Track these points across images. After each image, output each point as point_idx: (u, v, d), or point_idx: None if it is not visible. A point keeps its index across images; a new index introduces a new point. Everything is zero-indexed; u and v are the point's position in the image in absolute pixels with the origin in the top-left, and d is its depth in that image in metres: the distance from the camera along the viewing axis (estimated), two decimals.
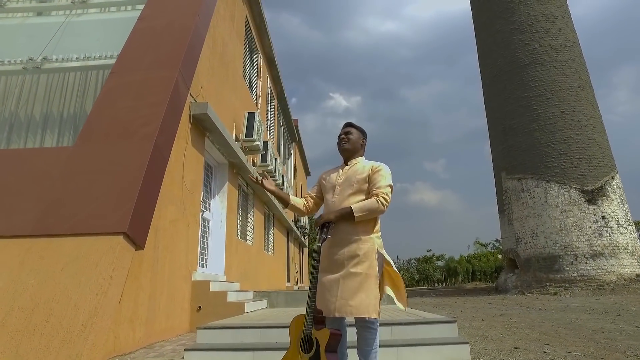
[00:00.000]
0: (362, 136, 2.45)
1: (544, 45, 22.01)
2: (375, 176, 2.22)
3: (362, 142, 2.45)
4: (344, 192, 2.24)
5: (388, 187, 2.20)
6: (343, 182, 2.29)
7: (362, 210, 2.10)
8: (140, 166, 3.39)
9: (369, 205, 2.11)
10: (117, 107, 3.90)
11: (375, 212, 2.13)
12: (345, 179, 2.29)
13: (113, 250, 2.92)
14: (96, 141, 3.61)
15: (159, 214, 4.24)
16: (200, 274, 5.48)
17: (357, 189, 2.22)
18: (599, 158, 19.80)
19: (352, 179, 2.25)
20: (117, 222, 3.05)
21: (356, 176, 2.25)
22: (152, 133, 3.62)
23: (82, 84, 5.00)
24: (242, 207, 8.50)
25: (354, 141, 2.39)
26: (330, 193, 2.32)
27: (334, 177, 2.37)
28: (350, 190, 2.22)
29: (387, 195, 2.15)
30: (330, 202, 2.28)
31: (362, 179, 2.23)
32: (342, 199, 2.21)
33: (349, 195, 2.21)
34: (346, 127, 2.47)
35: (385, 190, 2.17)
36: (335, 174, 2.40)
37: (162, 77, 4.11)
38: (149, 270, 3.97)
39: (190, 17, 4.86)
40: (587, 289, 17.35)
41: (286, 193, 2.50)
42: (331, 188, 2.33)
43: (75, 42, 5.23)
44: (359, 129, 2.46)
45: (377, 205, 2.11)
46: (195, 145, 5.38)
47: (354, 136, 2.40)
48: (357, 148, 2.41)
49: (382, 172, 2.23)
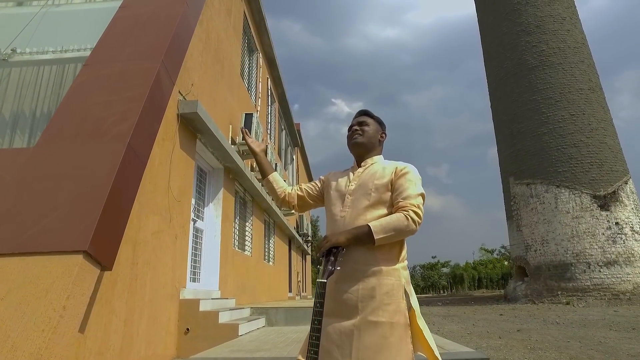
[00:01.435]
0: (380, 128, 1.86)
1: (552, 47, 21.49)
2: (401, 181, 1.62)
3: (380, 137, 1.85)
4: (357, 203, 1.63)
5: (419, 197, 1.59)
6: (356, 189, 1.68)
7: (385, 229, 1.48)
8: (109, 171, 2.85)
9: (395, 222, 1.50)
10: (89, 103, 3.37)
11: (404, 233, 1.51)
12: (360, 185, 1.69)
13: (69, 273, 2.38)
14: (61, 142, 3.08)
15: (139, 225, 3.70)
16: (189, 290, 4.92)
17: (375, 199, 1.61)
18: (611, 162, 19.18)
19: (368, 185, 1.66)
20: (76, 238, 2.51)
21: (374, 181, 1.65)
22: (126, 132, 3.09)
23: (58, 78, 4.50)
24: (239, 215, 7.96)
25: (371, 134, 1.80)
26: (338, 205, 1.70)
27: (343, 183, 1.76)
28: (367, 202, 1.62)
29: (418, 208, 1.54)
30: (338, 218, 1.66)
31: (382, 185, 1.63)
32: (355, 214, 1.61)
33: (365, 209, 1.61)
34: (360, 115, 1.87)
35: (415, 200, 1.56)
36: (345, 178, 1.79)
37: (142, 69, 3.58)
38: (124, 292, 3.42)
39: (177, 5, 4.36)
40: (601, 298, 16.67)
41: (271, 166, 1.98)
42: (339, 198, 1.72)
43: (52, 34, 4.73)
44: (376, 119, 1.87)
45: (405, 223, 1.49)
46: (184, 148, 4.85)
47: (371, 128, 1.81)
48: (373, 144, 1.81)
49: (409, 176, 1.64)
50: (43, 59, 4.50)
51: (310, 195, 1.91)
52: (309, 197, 1.91)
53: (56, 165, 2.92)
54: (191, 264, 5.52)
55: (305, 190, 1.92)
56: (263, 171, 1.94)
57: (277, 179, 1.95)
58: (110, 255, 2.78)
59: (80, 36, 4.67)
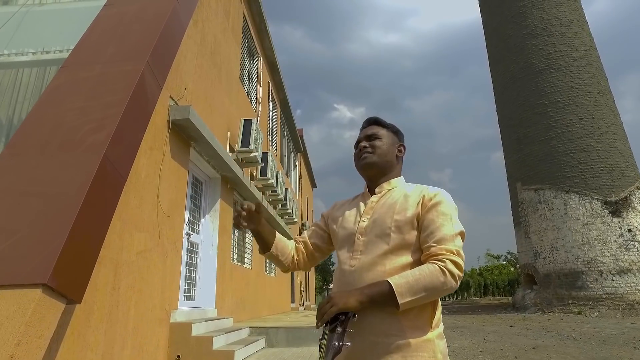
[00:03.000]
0: (397, 139, 1.40)
1: (559, 50, 21.05)
2: (432, 216, 1.17)
3: (398, 151, 1.39)
4: (372, 248, 1.19)
5: (458, 238, 1.15)
6: (370, 227, 1.23)
7: (413, 289, 1.05)
8: (79, 187, 2.47)
9: (427, 279, 1.06)
10: (63, 109, 3.00)
11: (439, 292, 1.08)
12: (374, 221, 1.24)
13: (22, 312, 1.99)
14: (27, 153, 2.71)
15: (121, 244, 3.32)
16: (182, 312, 4.53)
17: (397, 241, 1.17)
18: (622, 167, 18.65)
19: (386, 221, 1.21)
20: (35, 268, 2.12)
21: (394, 216, 1.20)
22: (102, 142, 2.71)
23: (39, 81, 4.14)
24: None
25: (385, 150, 1.34)
26: (346, 250, 1.25)
27: (352, 218, 1.31)
28: (385, 245, 1.17)
29: (458, 256, 1.10)
30: (346, 268, 1.21)
31: (405, 221, 1.19)
32: (369, 263, 1.17)
33: (382, 256, 1.16)
34: (368, 126, 1.41)
35: (453, 245, 1.12)
36: (354, 211, 1.34)
37: (124, 72, 3.21)
38: (102, 322, 3.03)
39: (166, 2, 3.99)
40: (615, 308, 16.09)
41: (272, 230, 1.40)
42: (347, 239, 1.27)
43: (33, 34, 4.38)
44: (390, 128, 1.40)
45: (442, 280, 1.06)
46: (176, 158, 4.48)
47: (384, 142, 1.35)
48: (389, 162, 1.35)
49: (442, 207, 1.19)
50: (22, 60, 4.15)
51: (319, 248, 1.46)
52: (318, 250, 1.47)
53: (19, 181, 2.53)
54: (185, 281, 5.13)
55: (312, 244, 1.47)
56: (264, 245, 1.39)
57: (281, 246, 1.43)
58: (79, 286, 2.39)
59: (64, 36, 4.31)
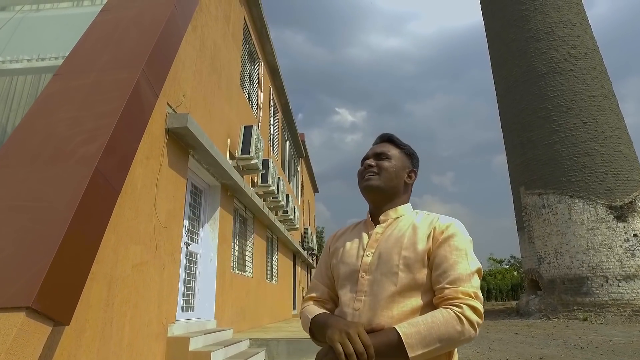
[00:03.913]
0: (409, 163, 1.25)
1: (562, 54, 20.94)
2: (444, 252, 1.03)
3: (408, 176, 1.24)
4: (378, 288, 1.05)
5: (475, 277, 1.01)
6: (375, 264, 1.09)
7: (426, 340, 0.91)
8: (69, 202, 2.35)
9: (441, 328, 0.92)
10: (55, 119, 2.89)
11: (455, 343, 0.94)
12: (380, 257, 1.09)
13: (3, 337, 1.86)
14: (15, 166, 2.59)
15: (115, 259, 3.20)
16: (180, 325, 4.40)
17: (406, 282, 1.03)
18: (627, 171, 18.46)
19: (392, 258, 1.07)
20: (19, 290, 2.00)
21: (402, 252, 1.06)
22: (94, 154, 2.60)
23: (33, 89, 4.04)
24: (239, 234, 7.44)
25: (392, 174, 1.19)
26: (348, 290, 1.11)
27: (354, 252, 1.16)
28: (392, 286, 1.03)
29: (476, 299, 0.96)
30: (349, 312, 1.07)
31: (415, 258, 1.05)
32: (375, 306, 1.03)
33: (389, 298, 1.02)
34: (381, 142, 1.28)
35: (470, 286, 0.98)
36: (356, 242, 1.19)
37: (118, 80, 3.10)
38: (94, 340, 2.91)
39: (163, 8, 3.89)
40: (621, 315, 15.86)
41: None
42: (350, 277, 1.13)
43: (29, 41, 4.29)
44: (404, 149, 1.26)
45: (458, 329, 0.92)
46: (174, 167, 4.37)
47: (393, 164, 1.21)
48: (395, 187, 1.20)
49: (456, 241, 1.05)
50: (16, 68, 4.06)
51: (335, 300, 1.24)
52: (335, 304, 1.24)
53: (6, 196, 2.42)
54: (183, 292, 5.01)
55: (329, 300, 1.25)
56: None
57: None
58: (68, 306, 2.27)
59: (60, 43, 4.22)
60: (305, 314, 1.19)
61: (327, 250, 1.31)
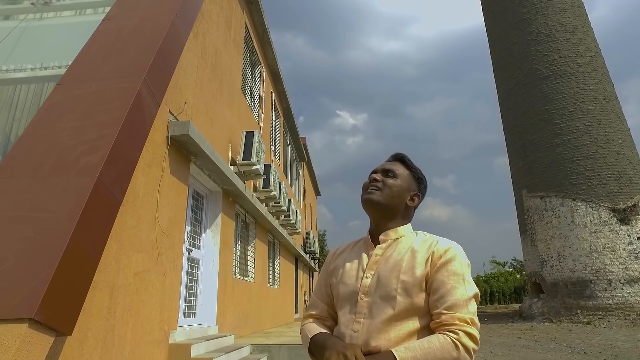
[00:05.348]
0: (415, 186, 1.26)
1: (564, 56, 20.92)
2: (442, 277, 1.05)
3: (411, 199, 1.24)
4: (376, 311, 1.06)
5: (472, 302, 1.03)
6: (374, 287, 1.10)
7: None
8: (71, 212, 2.37)
9: (437, 354, 0.94)
10: (58, 129, 2.92)
11: None
12: (379, 279, 1.11)
13: (6, 349, 1.88)
14: (20, 175, 2.62)
15: (117, 267, 3.22)
16: (182, 332, 4.41)
17: (404, 306, 1.04)
18: (630, 174, 18.40)
19: (391, 281, 1.08)
20: (21, 301, 2.02)
21: (400, 276, 1.07)
22: (96, 165, 2.62)
23: (36, 98, 4.07)
24: (241, 239, 7.45)
25: (395, 192, 1.20)
26: (347, 311, 1.12)
27: (354, 273, 1.17)
28: (390, 310, 1.04)
29: (472, 326, 0.99)
30: (347, 333, 1.08)
31: (413, 282, 1.06)
32: (373, 329, 1.04)
33: (387, 322, 1.04)
34: (393, 160, 1.30)
35: (467, 312, 1.00)
36: (355, 264, 1.20)
37: (120, 90, 3.13)
38: (97, 349, 2.92)
39: (165, 17, 3.92)
40: (625, 318, 15.78)
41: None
42: (349, 298, 1.14)
43: (32, 49, 4.33)
44: (414, 171, 1.27)
45: (454, 355, 0.94)
46: (175, 174, 4.39)
47: (398, 183, 1.22)
48: (395, 207, 1.21)
49: (454, 266, 1.06)
50: (20, 77, 4.09)
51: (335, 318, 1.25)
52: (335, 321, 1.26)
53: (9, 206, 2.44)
54: (185, 298, 5.03)
55: (329, 318, 1.26)
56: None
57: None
58: (70, 317, 2.28)
59: (62, 52, 4.26)
60: (305, 332, 1.21)
61: (327, 268, 1.32)
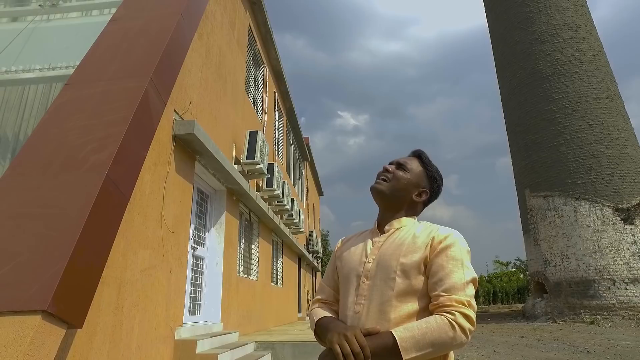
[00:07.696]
0: (425, 183, 1.29)
1: (567, 55, 20.88)
2: (441, 261, 1.09)
3: (418, 194, 1.28)
4: (377, 292, 1.12)
5: (469, 286, 1.07)
6: (375, 269, 1.15)
7: (419, 344, 0.97)
8: (81, 209, 2.44)
9: (434, 333, 0.98)
10: (66, 128, 2.98)
11: (447, 348, 1.01)
12: (379, 263, 1.16)
13: (21, 339, 1.95)
14: (30, 174, 2.69)
15: (124, 263, 3.28)
16: (187, 328, 4.47)
17: (403, 287, 1.09)
18: (634, 173, 18.36)
19: (391, 263, 1.13)
20: (35, 294, 2.08)
21: (400, 258, 1.12)
22: (105, 162, 2.68)
23: (45, 98, 4.15)
24: (244, 238, 7.52)
25: (402, 184, 1.25)
26: (351, 292, 1.17)
27: (357, 258, 1.22)
28: (390, 290, 1.09)
29: (469, 307, 1.03)
30: (350, 314, 1.14)
31: (412, 265, 1.10)
32: (374, 310, 1.09)
33: (387, 302, 1.09)
34: (411, 155, 1.35)
35: (464, 295, 1.04)
36: (361, 247, 1.25)
37: (127, 89, 3.19)
38: (105, 343, 2.98)
39: (170, 18, 3.99)
40: (629, 318, 15.75)
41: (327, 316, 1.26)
42: (353, 281, 1.19)
43: (40, 50, 4.41)
44: (427, 169, 1.31)
45: (450, 335, 0.98)
46: (181, 172, 4.45)
47: (406, 176, 1.26)
48: (401, 198, 1.25)
49: (453, 251, 1.10)
50: (28, 77, 4.16)
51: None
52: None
53: (21, 203, 2.51)
54: (190, 295, 5.09)
55: (333, 295, 1.33)
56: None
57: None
58: (81, 310, 2.35)
59: (70, 52, 4.33)
60: (312, 316, 1.28)
61: (335, 254, 1.39)
